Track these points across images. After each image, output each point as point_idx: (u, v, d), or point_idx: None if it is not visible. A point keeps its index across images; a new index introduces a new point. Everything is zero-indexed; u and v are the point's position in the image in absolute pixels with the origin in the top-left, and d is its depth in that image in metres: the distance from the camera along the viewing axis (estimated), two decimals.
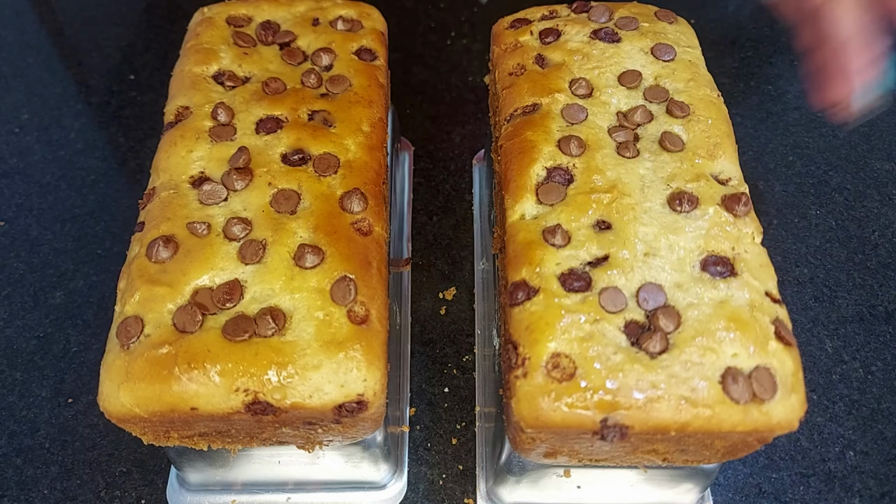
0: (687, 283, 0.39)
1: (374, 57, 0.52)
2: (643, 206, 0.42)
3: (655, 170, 0.43)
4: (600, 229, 0.41)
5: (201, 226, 0.41)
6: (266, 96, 0.47)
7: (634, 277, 0.39)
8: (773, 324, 0.38)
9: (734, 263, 0.40)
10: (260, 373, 0.37)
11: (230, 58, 0.50)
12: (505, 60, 0.51)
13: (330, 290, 0.39)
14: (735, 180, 0.44)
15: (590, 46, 0.49)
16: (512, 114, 0.47)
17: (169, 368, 0.37)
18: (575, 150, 0.44)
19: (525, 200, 0.43)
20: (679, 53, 0.49)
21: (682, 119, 0.46)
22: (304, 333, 0.38)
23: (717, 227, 0.41)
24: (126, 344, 0.38)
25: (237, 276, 0.40)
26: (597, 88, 0.47)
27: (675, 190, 0.42)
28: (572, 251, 0.40)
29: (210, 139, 0.45)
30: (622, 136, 0.45)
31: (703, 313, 0.38)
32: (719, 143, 0.45)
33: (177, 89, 0.48)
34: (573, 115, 0.46)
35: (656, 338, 0.37)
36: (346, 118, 0.47)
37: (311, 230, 0.41)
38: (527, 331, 0.38)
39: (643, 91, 0.47)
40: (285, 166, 0.44)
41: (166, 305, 0.39)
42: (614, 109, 0.46)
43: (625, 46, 0.49)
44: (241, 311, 0.39)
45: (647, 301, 0.38)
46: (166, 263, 0.40)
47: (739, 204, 0.41)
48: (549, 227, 0.41)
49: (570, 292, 0.38)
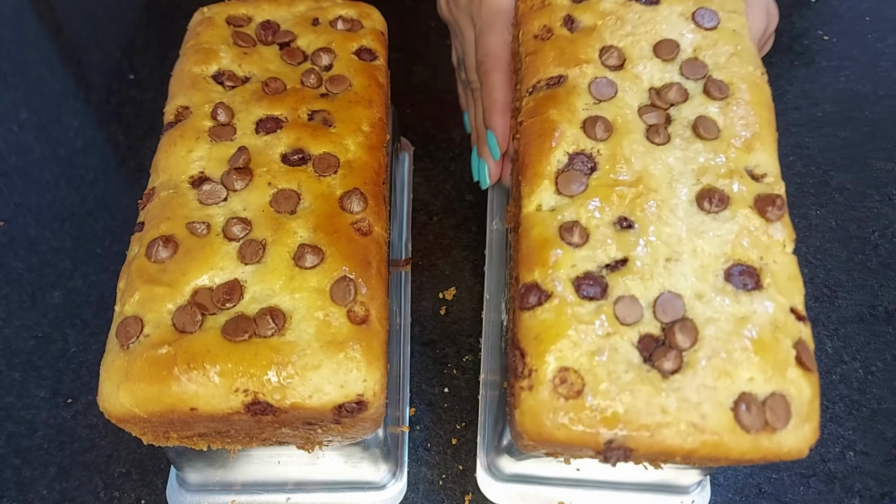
0: (708, 293, 0.37)
1: (374, 57, 0.51)
2: (669, 204, 0.38)
3: (686, 160, 0.40)
4: (621, 227, 0.38)
5: (201, 226, 0.41)
6: (266, 96, 0.47)
7: (653, 285, 0.37)
8: (796, 347, 0.36)
9: (760, 275, 0.37)
10: (260, 373, 0.37)
11: (230, 57, 0.50)
12: (531, 20, 0.46)
13: (330, 290, 0.39)
14: (771, 177, 0.40)
15: (625, 8, 0.44)
16: (535, 85, 0.43)
17: (168, 369, 0.37)
18: (601, 134, 0.40)
19: (543, 190, 0.40)
20: (723, 20, 0.44)
21: (720, 101, 0.41)
22: (304, 333, 0.38)
23: (746, 232, 0.38)
24: (125, 344, 0.38)
25: (237, 275, 0.40)
26: (629, 59, 0.43)
27: (706, 186, 0.39)
28: (590, 251, 0.37)
29: (210, 139, 0.45)
30: (653, 117, 0.41)
31: (722, 330, 0.36)
32: (758, 133, 0.41)
33: (176, 89, 0.48)
34: (601, 91, 0.42)
35: (671, 355, 0.35)
36: (345, 118, 0.47)
37: (310, 230, 0.41)
38: (536, 340, 0.36)
39: (680, 65, 0.43)
40: (285, 166, 0.44)
41: (166, 305, 0.39)
42: (647, 85, 0.42)
43: (663, 9, 0.44)
44: (240, 312, 0.39)
45: (664, 312, 0.36)
46: (166, 263, 0.40)
47: (773, 207, 0.38)
48: (566, 223, 0.38)
49: (584, 299, 0.36)
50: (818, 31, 0.77)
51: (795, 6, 0.79)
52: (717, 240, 0.38)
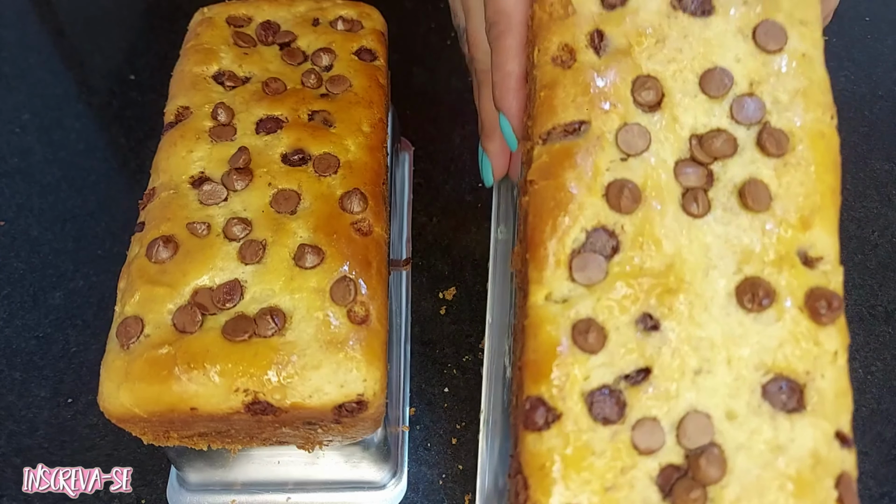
0: (742, 413, 0.31)
1: (375, 57, 0.51)
2: (704, 298, 0.32)
3: (727, 239, 0.33)
4: (645, 328, 0.32)
5: (201, 226, 0.41)
6: (266, 96, 0.47)
7: (679, 404, 0.31)
8: (838, 487, 0.30)
9: (805, 392, 0.31)
10: (260, 373, 0.37)
11: (230, 58, 0.50)
12: (549, 34, 0.36)
13: (330, 289, 0.39)
14: (828, 263, 0.33)
15: (669, 22, 0.35)
16: (550, 131, 0.35)
17: (169, 369, 0.37)
18: (627, 205, 0.33)
19: (554, 277, 0.33)
20: (791, 39, 0.35)
21: (777, 158, 0.33)
22: (304, 333, 0.38)
23: (792, 338, 0.31)
24: (126, 344, 0.38)
25: (237, 276, 0.40)
26: (667, 94, 0.34)
27: (749, 277, 0.32)
28: (607, 359, 0.31)
29: (210, 139, 0.45)
30: (692, 177, 0.33)
31: (754, 463, 0.30)
32: (818, 206, 0.33)
33: (177, 89, 0.48)
34: (631, 143, 0.34)
35: (695, 493, 0.29)
36: (346, 118, 0.47)
37: (311, 230, 0.41)
38: (541, 472, 0.31)
39: (731, 104, 0.34)
40: (285, 166, 0.44)
41: (166, 306, 0.39)
42: (688, 131, 0.34)
43: (717, 23, 0.35)
44: (241, 312, 0.39)
45: (688, 438, 0.30)
46: (166, 264, 0.40)
47: (829, 308, 0.32)
48: (580, 322, 0.32)
49: (597, 422, 0.31)
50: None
51: None
52: (758, 347, 0.31)
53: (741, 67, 0.35)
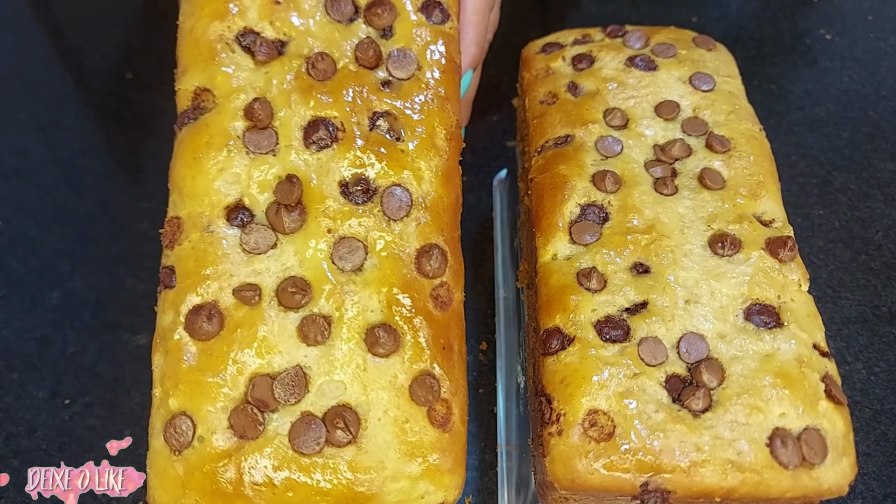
0: (730, 333, 0.37)
1: (446, 16, 0.39)
2: (683, 249, 0.39)
3: (695, 209, 0.41)
4: (638, 273, 0.39)
5: (250, 292, 0.34)
6: (313, 82, 0.37)
7: (675, 327, 0.37)
8: (823, 380, 0.36)
9: (780, 313, 0.38)
10: (336, 493, 0.33)
11: (257, 7, 0.38)
12: (536, 87, 0.48)
13: (409, 388, 0.34)
14: (779, 222, 0.41)
15: (625, 74, 0.47)
16: (543, 145, 0.45)
17: (235, 486, 0.33)
18: (610, 186, 0.42)
19: (557, 239, 0.41)
20: (718, 83, 0.47)
21: (723, 154, 0.43)
22: (381, 440, 0.33)
23: (761, 273, 0.39)
24: (177, 449, 0.34)
25: (298, 360, 0.34)
26: (632, 119, 0.45)
27: (717, 231, 0.40)
28: (609, 296, 0.38)
29: (246, 150, 0.36)
30: (659, 171, 0.42)
31: (748, 368, 0.36)
32: (762, 182, 0.42)
33: (190, 59, 0.37)
34: (608, 148, 0.43)
35: (699, 394, 0.35)
36: (416, 124, 0.37)
37: (383, 303, 0.35)
38: (562, 384, 0.36)
39: (681, 123, 0.45)
40: (346, 203, 0.36)
41: (219, 401, 0.33)
42: (651, 142, 0.44)
43: (661, 75, 0.47)
44: (307, 410, 0.33)
45: (688, 353, 0.36)
46: (212, 342, 0.34)
47: (785, 248, 0.39)
48: (583, 269, 0.39)
49: (607, 342, 0.37)
50: (820, 30, 0.76)
51: (798, 5, 0.79)
52: (734, 281, 0.38)
53: (685, 101, 0.46)
